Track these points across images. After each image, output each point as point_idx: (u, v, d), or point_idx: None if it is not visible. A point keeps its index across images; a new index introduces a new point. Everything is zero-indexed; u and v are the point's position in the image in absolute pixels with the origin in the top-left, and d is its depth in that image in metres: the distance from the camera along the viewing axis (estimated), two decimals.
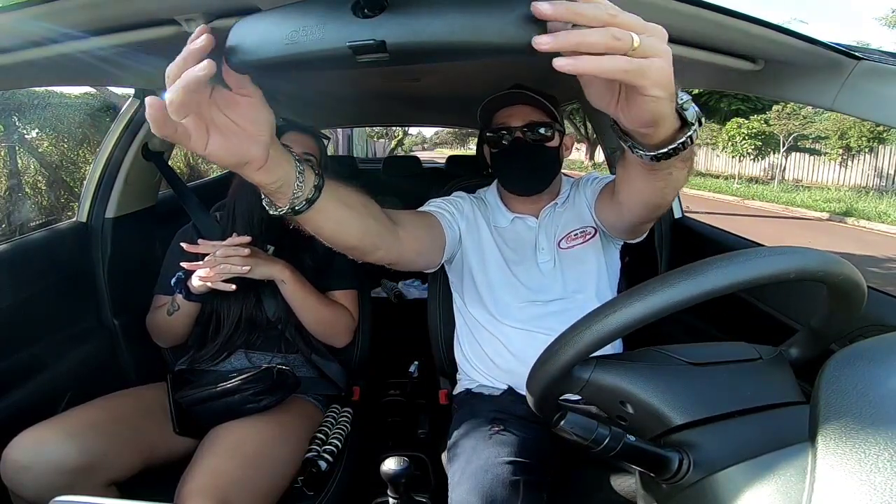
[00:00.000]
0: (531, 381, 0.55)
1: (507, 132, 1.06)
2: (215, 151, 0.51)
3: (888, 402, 0.40)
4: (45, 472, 0.83)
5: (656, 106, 0.45)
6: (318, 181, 0.63)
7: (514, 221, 1.13)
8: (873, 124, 9.74)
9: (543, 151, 1.07)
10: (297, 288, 1.11)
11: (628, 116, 0.48)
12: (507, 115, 1.07)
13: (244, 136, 0.52)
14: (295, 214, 0.63)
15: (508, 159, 1.08)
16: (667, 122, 0.50)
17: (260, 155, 0.54)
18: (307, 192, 0.62)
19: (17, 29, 0.65)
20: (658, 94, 0.44)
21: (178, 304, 1.10)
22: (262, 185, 0.58)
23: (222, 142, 0.51)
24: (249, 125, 0.52)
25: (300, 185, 0.61)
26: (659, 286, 0.46)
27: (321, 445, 1.05)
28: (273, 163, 0.56)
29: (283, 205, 0.62)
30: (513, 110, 1.06)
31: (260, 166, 0.55)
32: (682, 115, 0.52)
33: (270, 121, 0.54)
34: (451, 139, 31.89)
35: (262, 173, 0.56)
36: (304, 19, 0.43)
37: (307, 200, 0.62)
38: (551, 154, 1.08)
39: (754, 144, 12.81)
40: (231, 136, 0.51)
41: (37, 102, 5.06)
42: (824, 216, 9.23)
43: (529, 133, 1.05)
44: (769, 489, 0.42)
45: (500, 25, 0.39)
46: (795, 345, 0.62)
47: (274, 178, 0.57)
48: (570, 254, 1.09)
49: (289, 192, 0.60)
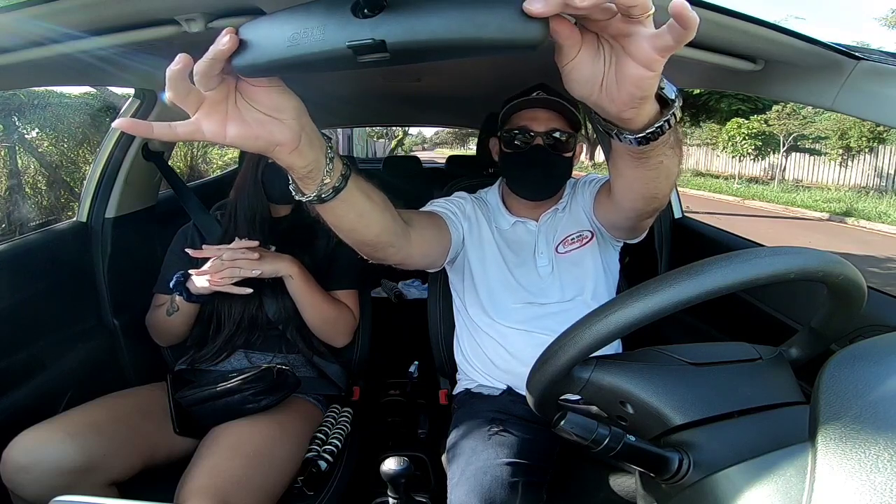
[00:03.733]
0: (531, 381, 0.55)
1: (527, 136, 1.04)
2: (236, 140, 0.51)
3: (888, 403, 0.40)
4: (45, 472, 0.83)
5: (642, 79, 0.44)
6: (346, 170, 0.63)
7: (515, 225, 1.12)
8: (873, 124, 9.74)
9: (559, 161, 1.05)
10: (304, 284, 1.11)
11: (613, 98, 0.47)
12: (530, 119, 1.04)
13: (268, 123, 0.52)
14: (320, 203, 0.63)
15: (523, 164, 1.06)
16: (649, 102, 0.50)
17: (289, 139, 0.54)
18: (335, 180, 0.62)
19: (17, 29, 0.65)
20: (652, 58, 0.43)
21: (177, 305, 1.10)
22: (294, 168, 0.58)
23: (243, 130, 0.51)
24: (273, 111, 0.52)
25: (329, 171, 0.60)
26: (659, 286, 0.46)
27: (321, 445, 1.05)
28: (306, 146, 0.56)
29: (310, 192, 0.61)
30: (537, 114, 1.04)
31: (292, 149, 0.55)
32: (661, 94, 0.51)
33: (296, 105, 0.54)
34: (451, 139, 31.87)
35: (294, 156, 0.56)
36: (305, 21, 0.43)
37: (334, 189, 0.62)
38: (566, 163, 1.07)
39: (754, 144, 12.80)
40: (253, 124, 0.52)
41: (37, 102, 5.06)
42: (824, 216, 9.23)
43: (549, 141, 1.03)
44: (769, 489, 0.42)
45: (500, 22, 0.39)
46: (795, 345, 0.62)
47: (306, 161, 0.57)
48: (568, 258, 1.09)
49: (318, 179, 0.60)
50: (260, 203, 1.19)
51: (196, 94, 0.47)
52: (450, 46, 0.41)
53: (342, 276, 1.24)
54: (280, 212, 1.24)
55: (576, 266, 1.08)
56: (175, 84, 0.45)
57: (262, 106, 0.51)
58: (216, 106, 0.49)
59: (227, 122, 0.50)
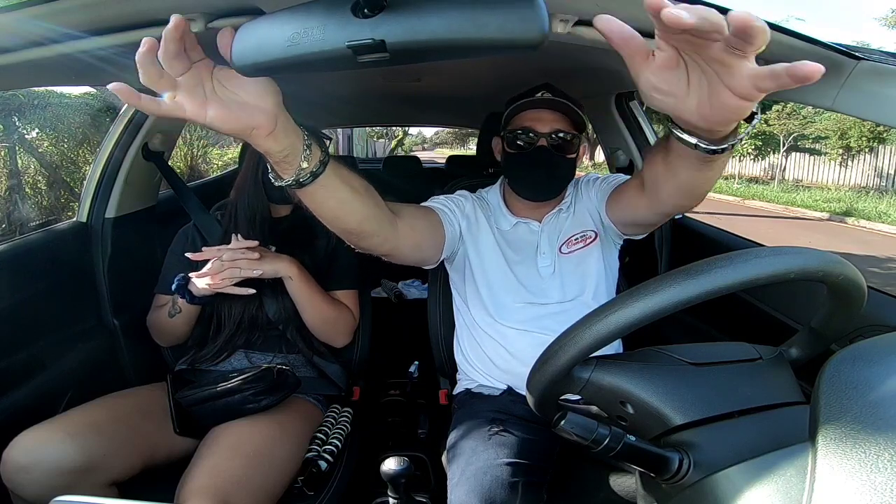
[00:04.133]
0: (531, 380, 0.55)
1: (531, 136, 1.04)
2: (215, 121, 0.54)
3: (888, 403, 0.40)
4: (46, 472, 0.83)
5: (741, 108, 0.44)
6: (324, 157, 0.66)
7: (517, 226, 1.12)
8: (873, 124, 9.73)
9: (563, 162, 1.05)
10: (303, 284, 1.11)
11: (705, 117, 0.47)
12: (535, 119, 1.04)
13: (246, 107, 0.55)
14: (298, 187, 0.65)
15: (526, 164, 1.06)
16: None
17: (265, 122, 0.57)
18: (313, 165, 0.64)
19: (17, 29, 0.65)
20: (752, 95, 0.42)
21: (179, 307, 1.10)
22: (270, 152, 0.60)
23: (222, 112, 0.54)
24: (251, 97, 0.55)
25: (306, 156, 0.63)
26: (659, 286, 0.46)
27: (321, 445, 1.05)
28: (281, 132, 0.59)
29: (288, 176, 0.64)
30: (541, 114, 1.04)
31: (268, 133, 0.58)
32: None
33: (273, 90, 0.57)
34: (451, 139, 31.86)
35: (269, 140, 0.59)
36: (305, 21, 0.43)
37: (311, 174, 0.64)
38: (569, 164, 1.06)
39: (754, 144, 12.81)
40: (232, 107, 0.55)
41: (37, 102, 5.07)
42: (824, 216, 9.22)
43: (553, 142, 1.03)
44: (769, 489, 0.42)
45: (500, 22, 0.39)
46: (795, 345, 0.62)
47: (281, 146, 0.60)
48: (571, 258, 1.09)
49: (295, 163, 0.63)
50: (260, 203, 1.19)
51: (168, 79, 0.50)
52: (450, 46, 0.41)
53: (342, 276, 1.24)
54: (280, 212, 1.24)
55: (579, 266, 1.08)
56: (144, 67, 0.48)
57: (241, 90, 0.55)
58: (193, 89, 0.52)
59: (206, 104, 0.53)
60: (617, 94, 1.50)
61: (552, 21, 0.40)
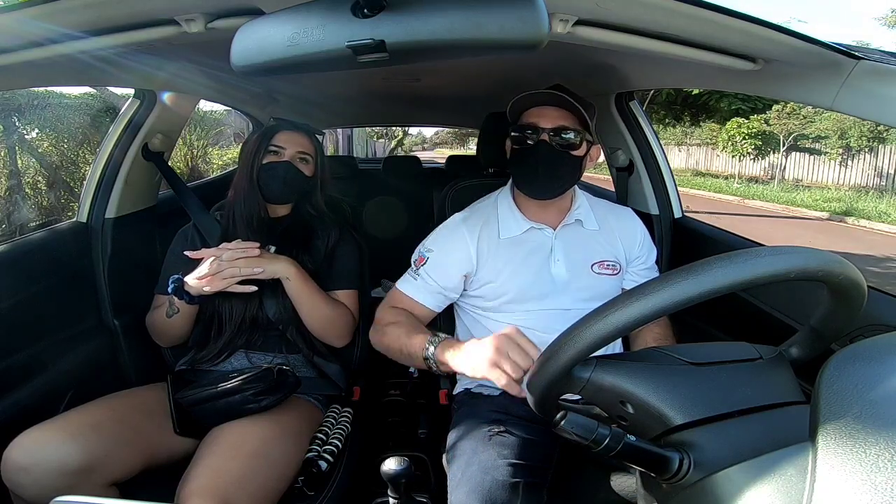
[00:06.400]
0: (531, 381, 0.55)
1: (534, 132, 1.03)
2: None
3: (888, 402, 0.40)
4: (46, 472, 0.83)
5: None
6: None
7: (530, 231, 1.10)
8: (873, 124, 9.73)
9: (566, 159, 1.04)
10: (302, 285, 1.11)
11: None
12: (538, 115, 1.04)
13: None
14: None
15: (529, 160, 1.05)
16: None
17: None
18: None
19: (17, 29, 0.65)
20: None
21: (177, 307, 1.10)
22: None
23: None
24: None
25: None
26: (659, 286, 0.46)
27: (321, 445, 1.05)
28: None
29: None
30: (544, 111, 1.03)
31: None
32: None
33: None
34: (451, 139, 31.87)
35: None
36: (305, 21, 0.43)
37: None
38: (573, 163, 1.05)
39: (754, 144, 12.79)
40: None
41: (37, 102, 5.07)
42: (824, 216, 9.22)
43: (556, 137, 1.02)
44: (769, 489, 0.42)
45: (500, 22, 0.39)
46: (795, 345, 0.62)
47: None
48: (600, 280, 1.09)
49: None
50: (256, 203, 1.19)
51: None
52: (449, 46, 0.41)
53: (341, 276, 1.24)
54: (279, 211, 1.24)
55: (600, 287, 1.09)
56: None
57: None
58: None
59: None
60: (617, 94, 1.50)
61: (552, 21, 0.40)
